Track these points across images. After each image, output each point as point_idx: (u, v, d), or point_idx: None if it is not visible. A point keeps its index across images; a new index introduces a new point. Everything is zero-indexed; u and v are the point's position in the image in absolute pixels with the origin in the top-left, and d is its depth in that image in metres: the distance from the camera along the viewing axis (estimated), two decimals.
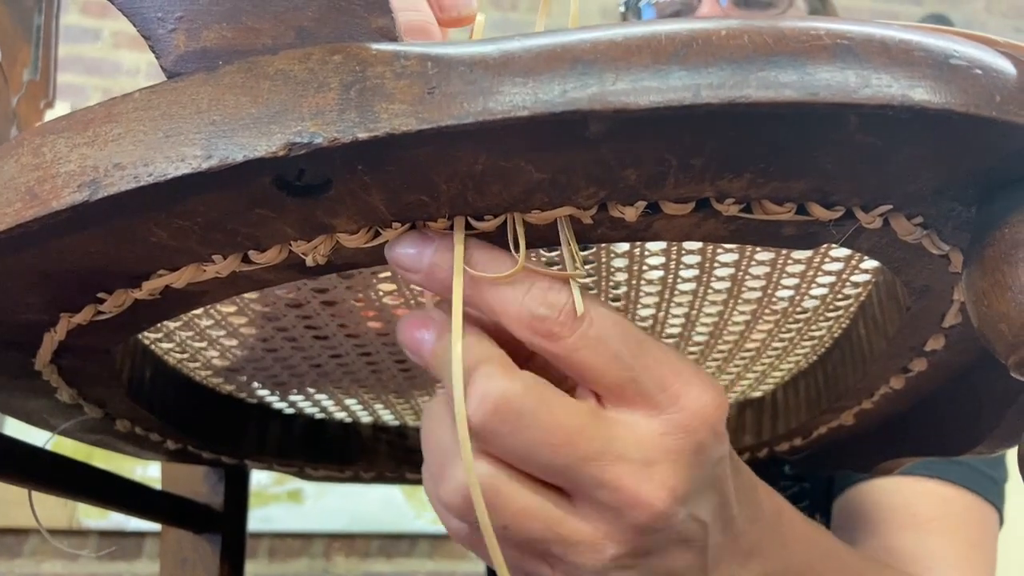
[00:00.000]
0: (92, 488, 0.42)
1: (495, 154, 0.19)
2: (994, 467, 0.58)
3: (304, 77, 0.19)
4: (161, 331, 0.37)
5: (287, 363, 0.41)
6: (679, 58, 0.18)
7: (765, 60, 0.18)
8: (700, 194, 0.21)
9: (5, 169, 0.22)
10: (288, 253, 0.23)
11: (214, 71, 0.20)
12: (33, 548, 1.40)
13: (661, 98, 0.18)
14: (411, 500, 1.52)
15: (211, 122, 0.20)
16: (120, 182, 0.20)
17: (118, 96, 0.21)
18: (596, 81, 0.18)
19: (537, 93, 0.18)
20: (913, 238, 0.23)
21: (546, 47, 0.19)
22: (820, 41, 0.18)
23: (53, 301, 0.25)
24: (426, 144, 0.19)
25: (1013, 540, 0.62)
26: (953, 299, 0.28)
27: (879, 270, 0.32)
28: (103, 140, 0.21)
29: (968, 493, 0.56)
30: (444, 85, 0.19)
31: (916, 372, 0.35)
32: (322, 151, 0.19)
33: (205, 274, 0.24)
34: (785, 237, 0.23)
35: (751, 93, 0.18)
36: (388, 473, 0.54)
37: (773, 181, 0.20)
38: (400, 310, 0.36)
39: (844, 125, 0.18)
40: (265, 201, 0.21)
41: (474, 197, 0.21)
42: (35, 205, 0.21)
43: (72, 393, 0.34)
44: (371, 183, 0.20)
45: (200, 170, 0.19)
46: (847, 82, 0.18)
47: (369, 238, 0.23)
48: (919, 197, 0.21)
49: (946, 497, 0.55)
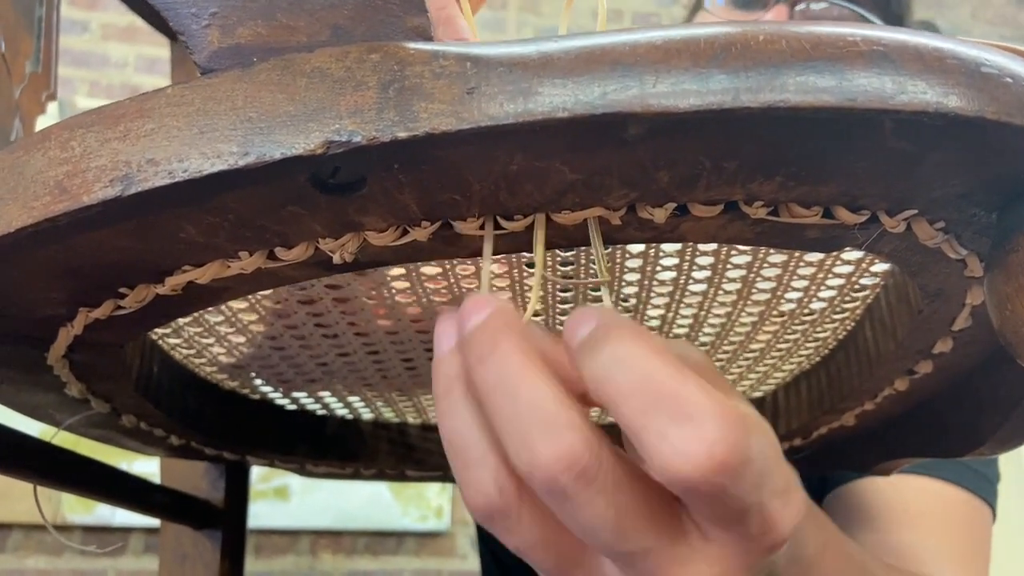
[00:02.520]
0: (92, 482, 0.42)
1: (531, 155, 0.19)
2: (986, 465, 0.59)
3: (341, 75, 0.19)
4: (170, 326, 0.37)
5: (293, 361, 0.41)
6: (718, 61, 0.18)
7: (803, 65, 0.18)
8: (730, 196, 0.21)
9: (32, 163, 0.22)
10: (315, 250, 0.23)
11: (249, 68, 0.20)
12: (16, 543, 1.39)
13: (701, 101, 0.18)
14: (398, 498, 1.52)
15: (247, 119, 0.20)
16: (154, 178, 0.20)
17: (149, 91, 0.21)
18: (636, 83, 0.18)
19: (577, 95, 0.18)
20: (933, 243, 0.24)
21: (585, 49, 0.19)
22: (856, 47, 0.18)
23: (74, 296, 0.25)
24: (465, 144, 0.19)
25: (1007, 538, 0.63)
26: (965, 303, 0.28)
27: (888, 273, 0.32)
28: (135, 135, 0.20)
29: (962, 490, 0.56)
30: (484, 85, 0.19)
31: (921, 374, 0.35)
32: (360, 150, 0.19)
33: (229, 270, 0.24)
34: (809, 240, 0.23)
35: (790, 97, 0.18)
36: (389, 470, 0.54)
37: (803, 185, 0.21)
38: (412, 309, 0.36)
39: (878, 130, 0.19)
40: (298, 199, 0.21)
41: (506, 197, 0.21)
42: (65, 199, 0.21)
43: (81, 388, 0.34)
44: (405, 182, 0.20)
45: (237, 167, 0.19)
46: (884, 88, 0.18)
47: (397, 236, 0.23)
48: (943, 202, 0.22)
49: (940, 494, 0.56)
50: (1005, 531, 0.62)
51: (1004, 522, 0.61)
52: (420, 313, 0.36)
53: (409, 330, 0.38)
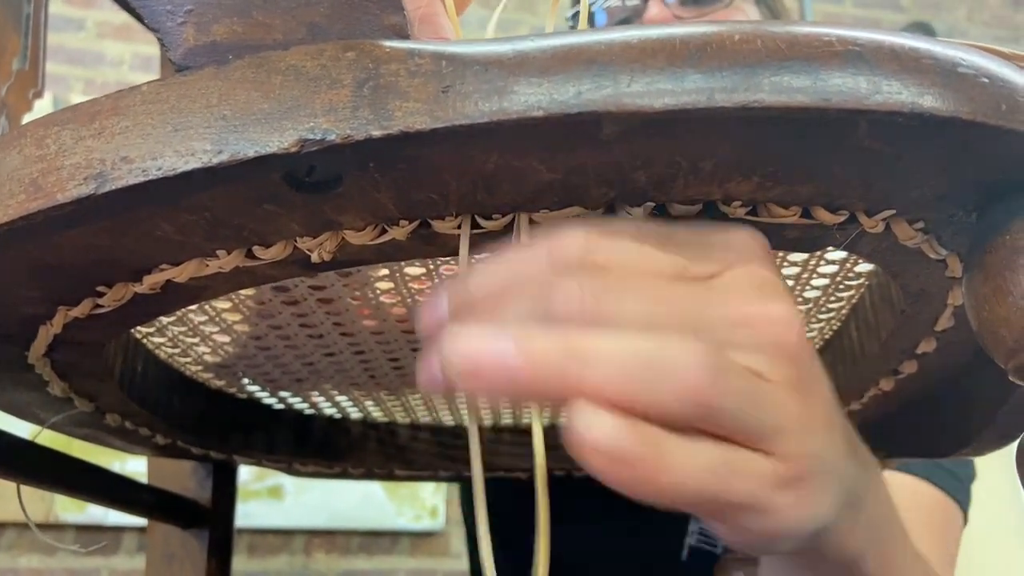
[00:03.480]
0: (78, 481, 0.42)
1: (508, 154, 0.19)
2: (959, 465, 0.59)
3: (316, 73, 0.19)
4: (154, 325, 0.37)
5: (279, 361, 0.41)
6: (693, 61, 0.18)
7: (778, 65, 0.18)
8: (708, 196, 0.21)
9: (8, 160, 0.22)
10: (293, 249, 0.23)
11: (224, 65, 0.20)
12: (10, 542, 1.38)
13: (675, 101, 0.18)
14: (392, 497, 1.52)
15: (221, 116, 0.20)
16: (128, 175, 0.20)
17: (125, 89, 0.21)
18: (611, 83, 0.18)
19: (552, 94, 0.18)
20: (913, 243, 0.23)
21: (561, 48, 0.19)
22: (832, 47, 0.18)
23: (52, 294, 0.25)
24: (440, 143, 0.19)
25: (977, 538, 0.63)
26: (947, 303, 0.28)
27: (872, 273, 0.32)
28: (110, 133, 0.20)
29: (935, 489, 0.56)
30: (459, 84, 0.19)
31: (906, 374, 0.35)
32: (335, 148, 0.19)
33: (208, 269, 0.24)
34: (788, 240, 0.23)
35: (764, 97, 0.18)
36: (377, 470, 0.54)
37: (781, 185, 0.21)
38: (397, 309, 0.36)
39: (853, 131, 0.18)
40: (273, 197, 0.21)
41: (484, 196, 0.21)
42: (39, 197, 0.21)
43: (64, 387, 0.33)
44: (381, 181, 0.20)
45: (210, 165, 0.19)
46: (858, 88, 0.18)
47: (375, 235, 0.23)
48: (921, 202, 0.22)
49: (914, 491, 0.56)
50: (996, 532, 0.62)
51: (997, 524, 0.61)
52: (405, 314, 0.36)
53: (395, 330, 0.38)
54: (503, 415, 0.54)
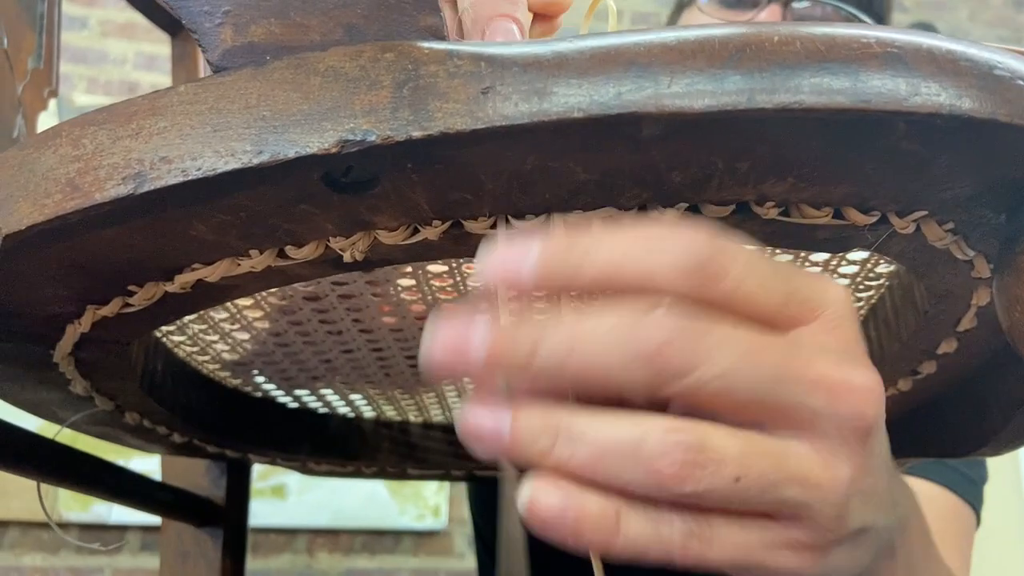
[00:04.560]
0: (94, 478, 0.42)
1: (545, 154, 0.19)
2: (972, 468, 0.59)
3: (356, 74, 0.19)
4: (174, 324, 0.37)
5: (297, 358, 0.41)
6: (733, 62, 0.18)
7: (818, 66, 0.18)
8: (741, 197, 0.21)
9: (42, 160, 0.22)
10: (325, 249, 0.23)
11: (263, 66, 0.20)
12: (13, 541, 1.38)
13: (716, 102, 0.18)
14: (395, 497, 1.52)
15: (261, 117, 0.20)
16: (167, 176, 0.20)
17: (161, 89, 0.21)
18: (651, 84, 0.18)
19: (592, 95, 0.18)
20: (942, 244, 0.24)
21: (600, 49, 0.19)
22: (871, 49, 0.18)
23: (82, 293, 0.25)
24: (478, 144, 0.19)
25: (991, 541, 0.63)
26: (971, 304, 0.28)
27: (893, 274, 0.33)
28: (148, 133, 0.20)
29: (949, 493, 0.56)
30: (499, 85, 0.19)
31: (925, 374, 0.35)
32: (374, 149, 0.19)
33: (239, 268, 0.24)
34: (819, 240, 0.23)
35: (804, 99, 0.18)
36: (390, 469, 0.54)
37: (815, 186, 0.21)
38: (416, 306, 0.36)
39: (891, 132, 0.19)
40: (310, 197, 0.21)
41: (518, 197, 0.21)
42: (76, 197, 0.21)
43: (86, 385, 0.34)
44: (418, 181, 0.20)
45: (250, 165, 0.19)
46: (898, 90, 0.18)
47: (407, 235, 0.23)
48: (953, 204, 0.22)
49: (929, 496, 0.56)
50: (1003, 533, 0.62)
51: (1004, 526, 0.61)
52: (425, 311, 0.36)
53: (414, 327, 0.38)
54: None
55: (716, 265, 0.20)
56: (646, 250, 0.20)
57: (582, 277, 0.20)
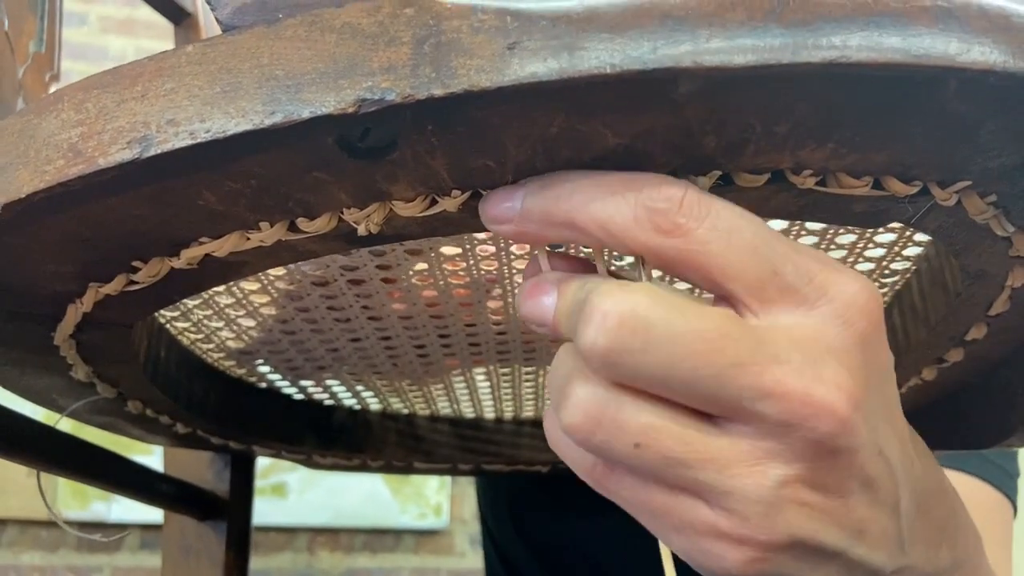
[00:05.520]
0: (96, 469, 0.41)
1: (573, 115, 0.18)
2: (1007, 460, 0.58)
3: (373, 31, 0.18)
4: (179, 309, 0.36)
5: (303, 346, 0.40)
6: (775, 15, 0.17)
7: (866, 20, 0.17)
8: (777, 164, 0.20)
9: (44, 125, 0.21)
10: (339, 221, 0.22)
11: (274, 24, 0.19)
12: (11, 539, 1.37)
13: (758, 57, 0.17)
14: (396, 495, 1.51)
15: (273, 77, 0.19)
16: (174, 139, 0.19)
17: (168, 50, 0.20)
18: (689, 38, 0.17)
19: (626, 50, 0.17)
20: (983, 218, 0.23)
21: (632, 2, 0.18)
22: (920, 2, 0.17)
23: (84, 269, 0.24)
24: (504, 103, 0.18)
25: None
26: (1006, 285, 0.27)
27: (922, 257, 0.32)
28: (154, 95, 0.19)
29: (987, 486, 0.55)
30: (526, 40, 0.18)
31: (951, 363, 0.34)
32: (394, 108, 0.18)
33: (248, 243, 0.23)
34: (854, 214, 0.22)
35: (852, 54, 0.17)
36: (396, 462, 0.53)
37: (856, 152, 0.20)
38: (428, 292, 0.35)
39: (942, 91, 0.18)
40: (325, 163, 0.20)
41: (543, 163, 0.20)
42: (79, 163, 0.20)
43: (88, 371, 0.33)
44: (438, 145, 0.19)
45: (262, 127, 0.18)
46: (949, 46, 0.17)
47: (425, 207, 0.22)
48: (998, 174, 0.21)
49: (969, 489, 0.55)
50: None
51: None
52: (436, 297, 0.35)
53: (423, 315, 0.37)
54: (525, 407, 0.53)
55: (677, 216, 0.20)
56: (607, 196, 0.20)
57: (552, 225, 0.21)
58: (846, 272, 0.21)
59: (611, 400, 0.21)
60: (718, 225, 0.20)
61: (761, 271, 0.20)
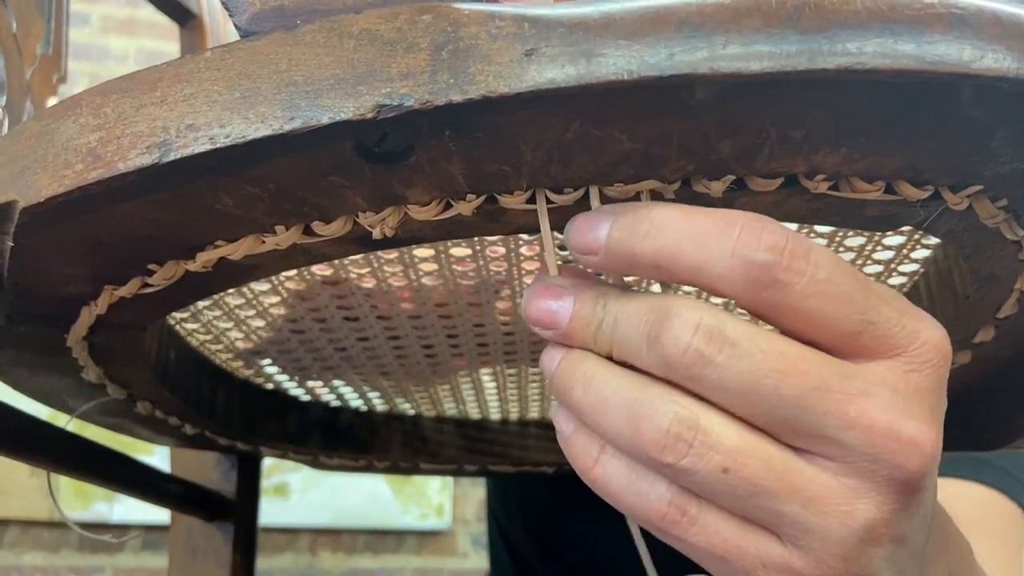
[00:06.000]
0: (104, 469, 0.41)
1: (589, 121, 0.19)
2: (1020, 468, 0.57)
3: (392, 37, 0.19)
4: (189, 310, 0.36)
5: (311, 346, 0.40)
6: (792, 22, 0.17)
7: (881, 27, 0.17)
8: (791, 169, 0.20)
9: (62, 129, 0.21)
10: (353, 225, 0.22)
11: (293, 30, 0.19)
12: (13, 539, 1.37)
13: (774, 64, 0.17)
14: (398, 496, 1.51)
15: (292, 83, 0.19)
16: (194, 144, 0.19)
17: (187, 55, 0.20)
18: (706, 44, 0.17)
19: (643, 56, 0.17)
20: (993, 222, 0.23)
21: (649, 9, 0.18)
22: (934, 10, 0.17)
23: (99, 272, 0.24)
24: (521, 109, 0.18)
25: None
26: (1014, 288, 0.28)
27: (930, 259, 0.32)
28: (173, 100, 0.20)
29: (1003, 497, 0.55)
30: (543, 47, 0.18)
31: (958, 365, 0.35)
32: (412, 114, 0.18)
33: (264, 246, 0.23)
34: (866, 218, 0.22)
35: (867, 60, 0.17)
36: (402, 463, 0.53)
37: (869, 157, 0.20)
38: (437, 292, 0.35)
39: (956, 97, 0.18)
40: (342, 168, 0.20)
41: (558, 168, 0.20)
42: (98, 167, 0.20)
43: (99, 372, 0.33)
44: (454, 151, 0.19)
45: (282, 132, 0.18)
46: (963, 53, 0.17)
47: (440, 211, 0.22)
48: (1010, 178, 0.21)
49: (984, 500, 0.54)
50: None
51: None
52: (445, 297, 0.35)
53: (432, 315, 0.37)
54: (531, 408, 0.53)
55: (777, 272, 0.19)
56: (702, 240, 0.19)
57: (639, 263, 0.20)
58: (926, 317, 0.21)
59: (701, 415, 0.20)
60: (818, 277, 0.19)
61: (857, 321, 0.20)
